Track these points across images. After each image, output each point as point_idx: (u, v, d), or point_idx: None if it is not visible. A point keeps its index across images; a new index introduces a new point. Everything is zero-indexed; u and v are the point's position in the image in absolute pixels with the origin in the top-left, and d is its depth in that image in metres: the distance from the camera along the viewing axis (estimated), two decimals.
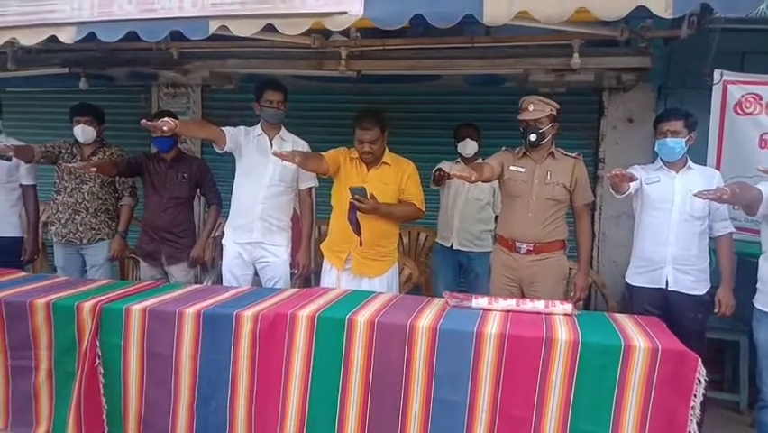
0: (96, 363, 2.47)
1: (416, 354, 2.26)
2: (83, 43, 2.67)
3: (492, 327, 2.24)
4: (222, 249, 3.34)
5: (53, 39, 2.59)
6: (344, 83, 4.01)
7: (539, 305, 2.48)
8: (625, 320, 2.46)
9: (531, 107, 2.82)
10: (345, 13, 2.28)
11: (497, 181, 3.04)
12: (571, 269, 3.03)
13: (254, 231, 3.15)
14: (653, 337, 2.21)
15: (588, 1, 2.12)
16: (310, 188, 3.30)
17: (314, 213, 3.34)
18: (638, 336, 2.21)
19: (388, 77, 3.94)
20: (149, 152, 3.69)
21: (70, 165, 3.32)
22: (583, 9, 2.12)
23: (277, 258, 3.20)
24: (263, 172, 3.13)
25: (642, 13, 2.13)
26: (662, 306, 2.79)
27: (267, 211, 3.15)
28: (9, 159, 3.35)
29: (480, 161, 3.38)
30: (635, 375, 2.12)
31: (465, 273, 3.86)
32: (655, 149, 2.90)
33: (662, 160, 2.87)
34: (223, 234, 3.35)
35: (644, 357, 2.11)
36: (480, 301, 2.50)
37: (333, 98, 4.53)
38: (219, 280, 3.47)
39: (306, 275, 3.40)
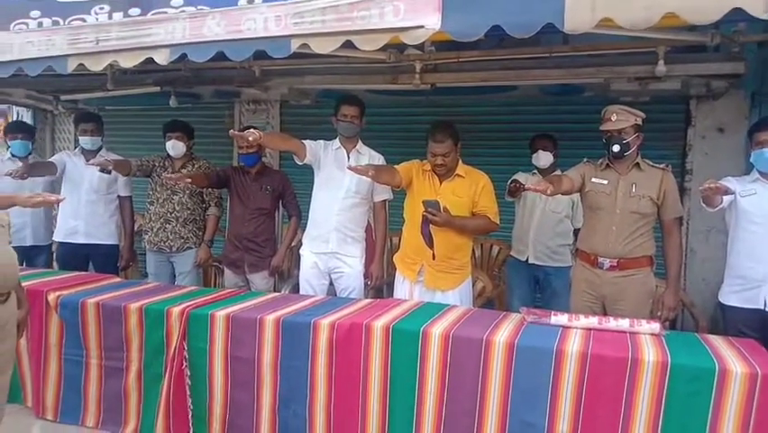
0: (184, 366, 2.61)
1: (492, 369, 2.22)
2: (173, 64, 2.85)
3: (573, 345, 2.17)
4: (299, 259, 3.44)
5: (148, 60, 2.78)
6: (418, 96, 4.04)
7: (623, 323, 2.38)
8: (718, 342, 2.31)
9: (614, 117, 2.72)
10: (422, 27, 2.30)
11: (576, 194, 2.94)
12: (658, 286, 2.87)
13: (330, 241, 3.23)
14: (751, 362, 2.05)
15: (676, 5, 2.02)
16: (384, 201, 3.35)
17: (387, 225, 3.38)
18: (734, 360, 2.07)
19: (462, 89, 3.93)
20: (235, 166, 3.86)
21: (168, 176, 3.54)
22: (671, 14, 2.02)
23: (351, 268, 3.26)
24: (340, 184, 3.21)
25: (735, 15, 2.00)
26: (759, 328, 2.59)
27: (342, 222, 3.22)
28: (109, 172, 3.63)
29: (557, 172, 3.29)
30: (731, 402, 1.98)
31: (542, 289, 3.76)
32: (751, 160, 2.72)
33: (758, 171, 2.69)
34: (300, 244, 3.45)
35: (742, 383, 1.97)
36: (560, 318, 2.43)
37: (406, 111, 4.58)
38: (295, 288, 3.57)
39: (378, 286, 3.43)
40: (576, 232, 3.52)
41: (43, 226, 4.13)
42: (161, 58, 2.72)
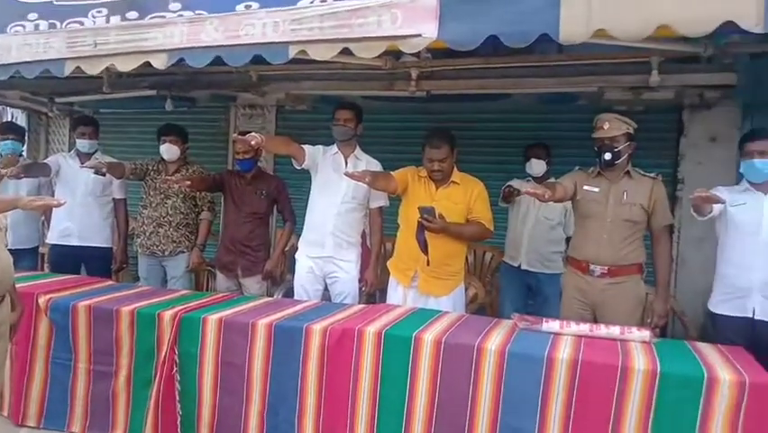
0: (174, 371, 2.59)
1: (484, 376, 2.23)
2: (170, 67, 2.85)
3: (564, 352, 2.18)
4: (292, 264, 3.44)
5: (145, 64, 2.78)
6: (414, 103, 4.07)
7: (614, 331, 2.39)
8: (707, 350, 2.33)
9: (606, 126, 2.75)
10: (419, 35, 2.32)
11: (569, 202, 2.97)
12: (647, 294, 2.90)
13: (326, 246, 3.24)
14: (739, 370, 2.07)
15: (670, 17, 2.05)
16: (380, 207, 3.36)
17: (382, 231, 3.39)
18: (723, 368, 2.09)
19: (457, 96, 3.96)
20: (230, 170, 3.87)
21: (169, 179, 3.55)
22: (665, 26, 2.05)
23: (347, 274, 3.27)
24: (337, 190, 3.22)
25: (727, 28, 2.03)
26: (748, 336, 2.61)
27: (339, 227, 3.23)
28: (104, 174, 3.62)
29: (552, 180, 3.32)
30: (719, 410, 2.00)
31: (534, 295, 3.78)
32: (740, 170, 2.75)
33: (748, 181, 2.72)
34: (294, 249, 3.46)
35: (730, 391, 1.99)
36: (551, 325, 2.44)
37: (402, 118, 4.60)
38: (288, 293, 3.58)
39: (372, 292, 3.44)
40: (568, 239, 3.55)
41: (26, 229, 3.98)
42: (159, 62, 2.71)
